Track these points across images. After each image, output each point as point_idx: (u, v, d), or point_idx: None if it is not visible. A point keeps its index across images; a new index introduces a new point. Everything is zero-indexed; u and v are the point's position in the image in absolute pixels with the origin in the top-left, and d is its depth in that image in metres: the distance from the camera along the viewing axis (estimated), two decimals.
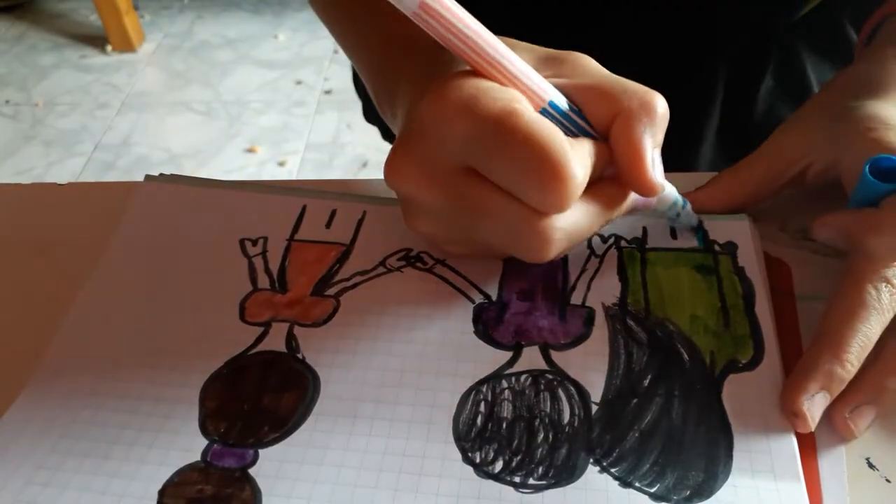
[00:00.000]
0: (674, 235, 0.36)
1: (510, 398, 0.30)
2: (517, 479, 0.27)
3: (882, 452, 0.28)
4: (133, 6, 2.09)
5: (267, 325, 0.33)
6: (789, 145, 0.36)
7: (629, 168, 0.29)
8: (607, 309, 0.33)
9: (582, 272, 0.35)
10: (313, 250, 0.37)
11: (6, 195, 0.43)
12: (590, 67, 0.31)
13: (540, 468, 0.27)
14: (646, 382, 0.30)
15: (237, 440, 0.29)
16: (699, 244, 0.35)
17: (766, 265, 0.34)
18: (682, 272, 0.34)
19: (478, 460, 0.28)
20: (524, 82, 0.28)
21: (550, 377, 0.30)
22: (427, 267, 0.35)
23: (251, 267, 0.36)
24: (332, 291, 0.35)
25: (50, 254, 0.39)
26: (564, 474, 0.27)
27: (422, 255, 0.36)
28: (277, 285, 0.35)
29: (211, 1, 2.30)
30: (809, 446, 0.28)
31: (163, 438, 0.29)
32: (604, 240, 0.36)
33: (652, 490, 0.27)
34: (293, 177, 1.68)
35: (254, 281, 0.35)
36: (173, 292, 0.35)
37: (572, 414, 0.29)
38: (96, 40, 2.13)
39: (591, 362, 0.31)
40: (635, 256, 0.35)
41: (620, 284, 0.34)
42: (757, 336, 0.31)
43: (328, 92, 1.91)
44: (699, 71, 0.52)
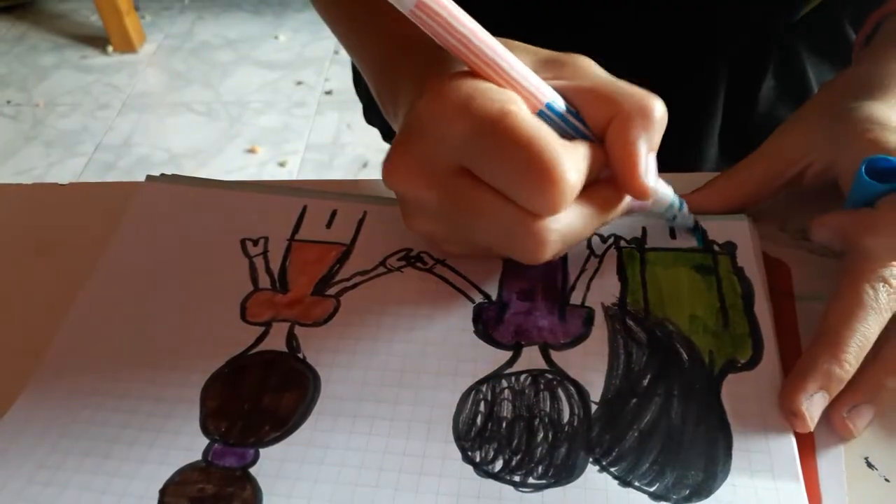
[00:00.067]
0: (673, 235, 0.36)
1: (510, 398, 0.30)
2: (517, 479, 0.27)
3: (881, 452, 0.28)
4: (134, 7, 2.09)
5: (267, 325, 0.33)
6: (789, 146, 0.36)
7: (623, 171, 0.29)
8: (607, 309, 0.33)
9: (581, 272, 0.35)
10: (314, 250, 0.37)
11: (7, 195, 0.44)
12: (589, 70, 0.31)
13: (539, 467, 0.28)
14: (645, 382, 0.30)
15: (238, 439, 0.29)
16: (698, 244, 0.35)
17: (766, 265, 0.34)
18: (682, 272, 0.34)
19: (478, 459, 0.28)
20: (521, 83, 0.28)
21: (550, 377, 0.30)
22: (427, 267, 0.35)
23: (252, 267, 0.36)
24: (333, 291, 0.35)
25: (51, 254, 0.39)
26: (564, 473, 0.27)
27: (422, 255, 0.36)
28: (278, 285, 0.35)
29: (211, 2, 2.30)
30: (808, 446, 0.28)
31: (164, 438, 0.29)
32: (603, 240, 0.36)
33: (651, 489, 0.27)
34: (294, 177, 1.68)
35: (254, 281, 0.36)
36: (174, 292, 0.35)
37: (572, 413, 0.29)
38: (97, 41, 2.13)
39: (591, 362, 0.31)
40: (635, 256, 0.35)
41: (620, 284, 0.34)
42: (756, 336, 0.31)
43: (328, 92, 1.92)
44: (699, 71, 0.52)
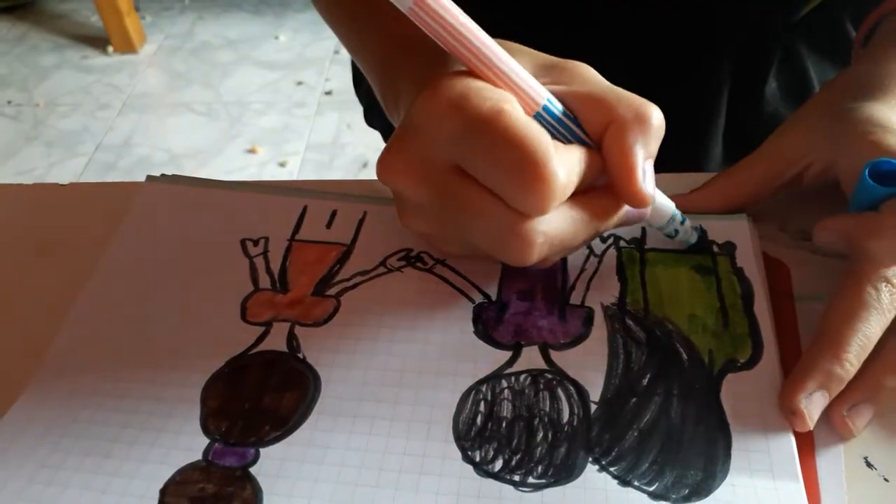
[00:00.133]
0: None
1: (510, 398, 0.30)
2: (517, 478, 0.27)
3: (880, 452, 0.28)
4: (134, 7, 2.09)
5: (268, 325, 0.33)
6: (789, 146, 0.36)
7: (620, 177, 0.29)
8: (606, 309, 0.33)
9: (581, 272, 0.35)
10: (314, 250, 0.37)
11: (8, 195, 0.44)
12: (589, 76, 0.31)
13: (539, 467, 0.28)
14: (645, 382, 0.30)
15: (238, 439, 0.29)
16: (701, 247, 0.35)
17: (765, 265, 0.34)
18: (681, 272, 0.34)
19: (478, 459, 0.28)
20: (518, 84, 0.28)
21: (550, 377, 0.31)
22: (427, 267, 0.36)
23: (252, 267, 0.36)
24: (333, 291, 0.35)
25: (51, 254, 0.39)
26: (564, 473, 0.27)
27: (422, 255, 0.36)
28: (278, 285, 0.35)
29: (212, 2, 2.30)
30: (808, 445, 0.28)
31: (164, 437, 0.29)
32: (603, 240, 0.36)
33: (651, 489, 0.27)
34: (294, 177, 1.68)
35: (255, 281, 0.36)
36: (174, 292, 0.35)
37: (571, 413, 0.29)
38: (97, 41, 2.13)
39: (591, 362, 0.31)
40: (634, 256, 0.35)
41: (619, 284, 0.34)
42: (755, 336, 0.31)
43: (329, 93, 1.92)
44: (697, 69, 0.52)
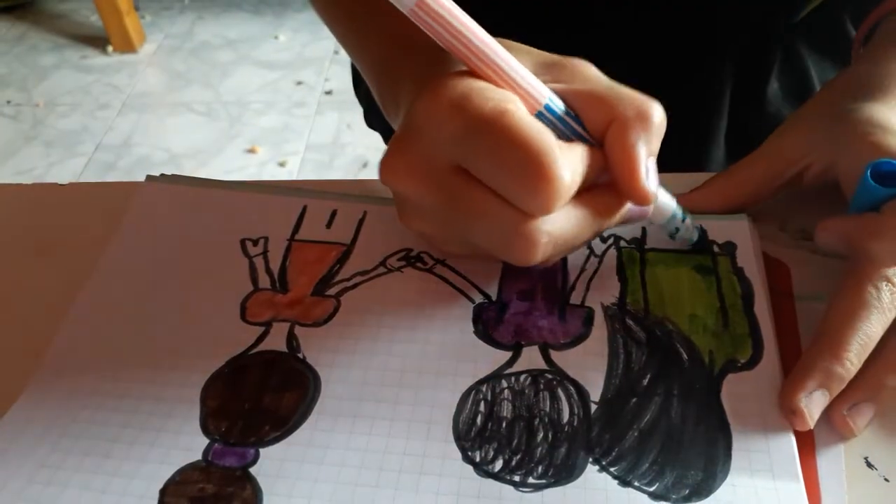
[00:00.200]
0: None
1: (510, 398, 0.30)
2: (517, 478, 0.27)
3: (881, 452, 0.28)
4: (134, 7, 2.09)
5: (268, 325, 0.33)
6: (789, 146, 0.36)
7: (622, 175, 0.29)
8: (606, 309, 0.33)
9: (581, 272, 0.35)
10: (314, 250, 0.37)
11: (7, 195, 0.44)
12: (589, 74, 0.31)
13: (539, 467, 0.28)
14: (645, 382, 0.30)
15: (238, 439, 0.29)
16: (702, 246, 0.35)
17: (766, 265, 0.34)
18: (682, 272, 0.34)
19: (478, 459, 0.28)
20: (520, 84, 0.28)
21: (550, 377, 0.30)
22: (427, 267, 0.35)
23: (252, 267, 0.36)
24: (333, 291, 0.35)
25: (51, 254, 0.39)
26: (564, 473, 0.27)
27: (422, 255, 0.36)
28: (278, 285, 0.35)
29: (211, 2, 2.30)
30: (808, 445, 0.28)
31: (164, 437, 0.29)
32: (603, 240, 0.36)
33: (651, 489, 0.27)
34: (293, 177, 1.68)
35: (255, 281, 0.36)
36: (174, 292, 0.35)
37: (572, 413, 0.29)
38: (97, 41, 2.13)
39: (591, 362, 0.31)
40: (635, 256, 0.35)
41: (620, 284, 0.34)
42: (756, 336, 0.31)
43: (329, 92, 1.92)
44: (699, 70, 0.52)
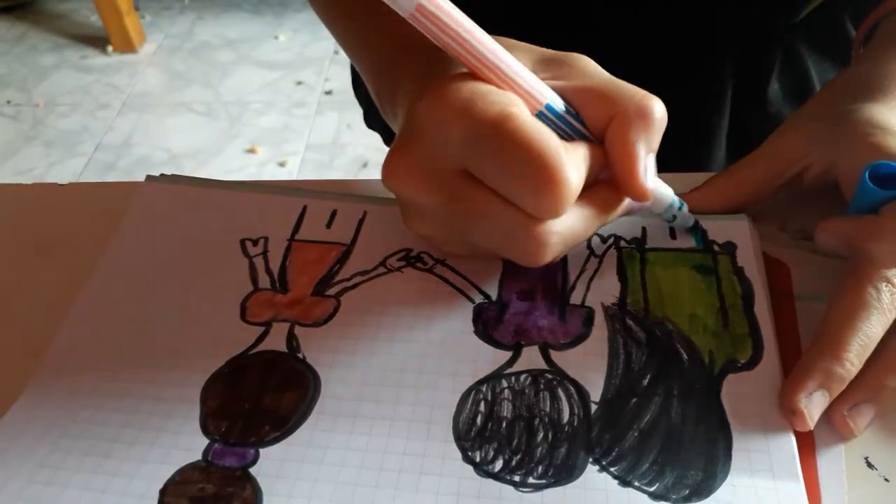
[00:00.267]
0: (673, 235, 0.36)
1: (510, 398, 0.30)
2: (517, 478, 0.27)
3: (881, 452, 0.28)
4: (134, 7, 2.09)
5: (268, 325, 0.33)
6: (788, 146, 0.36)
7: (622, 173, 0.29)
8: (607, 309, 0.33)
9: (581, 272, 0.35)
10: (314, 250, 0.37)
11: (7, 195, 0.44)
12: (589, 70, 0.31)
13: (539, 467, 0.28)
14: (645, 382, 0.30)
15: (238, 439, 0.29)
16: (697, 244, 0.35)
17: (766, 265, 0.34)
18: (682, 272, 0.34)
19: (478, 459, 0.28)
20: (520, 85, 0.28)
21: (550, 377, 0.30)
22: (427, 267, 0.35)
23: (252, 267, 0.36)
24: (333, 291, 0.35)
25: (51, 254, 0.39)
26: (564, 473, 0.27)
27: (422, 256, 0.36)
28: (278, 285, 0.35)
29: (211, 2, 2.30)
30: (808, 446, 0.28)
31: (164, 437, 0.29)
32: (603, 240, 0.36)
33: (651, 489, 0.27)
34: (293, 177, 1.68)
35: (254, 281, 0.36)
36: (174, 292, 0.35)
37: (572, 413, 0.29)
38: (97, 41, 2.13)
39: (591, 362, 0.31)
40: (635, 256, 0.35)
41: (620, 284, 0.34)
42: (756, 336, 0.31)
43: (329, 92, 1.92)
44: (699, 71, 0.52)
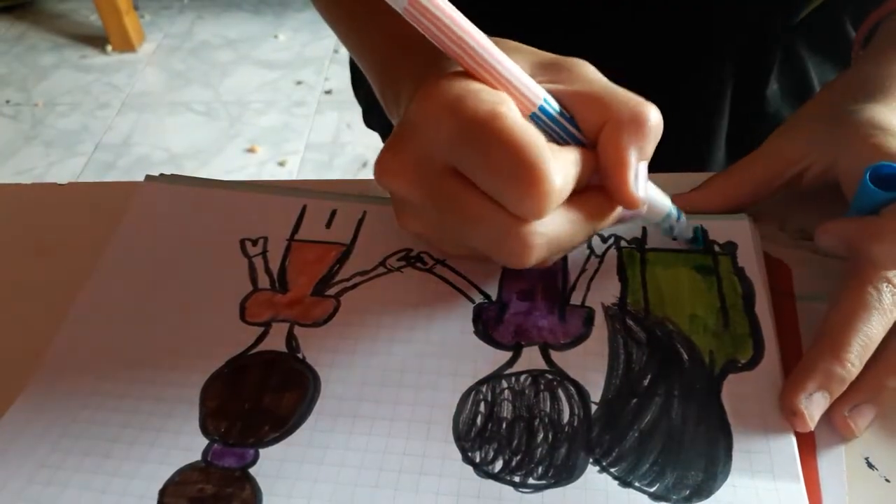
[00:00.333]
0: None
1: (510, 398, 0.30)
2: (517, 479, 0.27)
3: (881, 452, 0.28)
4: (133, 6, 2.09)
5: (267, 325, 0.33)
6: (788, 146, 0.36)
7: (611, 179, 0.29)
8: (607, 309, 0.33)
9: (582, 272, 0.35)
10: (313, 250, 0.37)
11: (6, 195, 0.43)
12: (588, 75, 0.30)
13: (539, 468, 0.28)
14: (645, 382, 0.30)
15: (237, 440, 0.29)
16: (698, 245, 0.35)
17: (766, 265, 0.34)
18: (682, 272, 0.34)
19: (478, 460, 0.28)
20: (514, 85, 0.28)
21: (550, 377, 0.30)
22: (427, 267, 0.35)
23: (251, 267, 0.36)
24: (333, 291, 0.35)
25: (50, 254, 0.39)
26: (564, 474, 0.27)
27: (422, 256, 0.36)
28: (278, 285, 0.35)
29: (211, 1, 2.30)
30: (809, 446, 0.28)
31: (163, 438, 0.29)
32: (603, 240, 0.36)
33: (651, 490, 0.27)
34: (293, 177, 1.68)
35: (254, 281, 0.36)
36: (174, 292, 0.35)
37: (572, 414, 0.29)
38: (96, 40, 2.13)
39: (591, 362, 0.31)
40: (635, 256, 0.35)
41: (620, 284, 0.34)
42: (756, 336, 0.31)
43: (328, 92, 1.92)
44: (697, 71, 0.52)
